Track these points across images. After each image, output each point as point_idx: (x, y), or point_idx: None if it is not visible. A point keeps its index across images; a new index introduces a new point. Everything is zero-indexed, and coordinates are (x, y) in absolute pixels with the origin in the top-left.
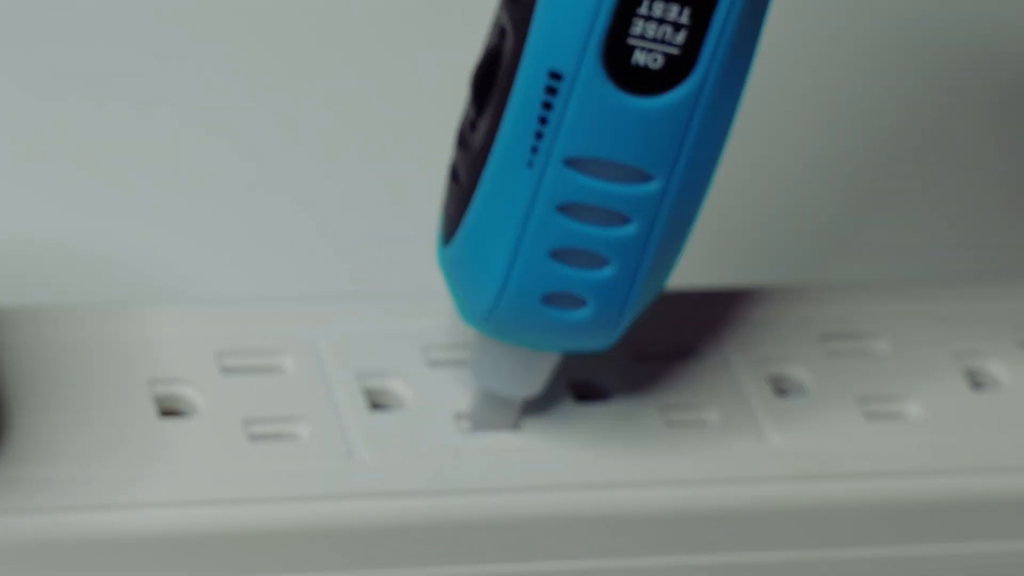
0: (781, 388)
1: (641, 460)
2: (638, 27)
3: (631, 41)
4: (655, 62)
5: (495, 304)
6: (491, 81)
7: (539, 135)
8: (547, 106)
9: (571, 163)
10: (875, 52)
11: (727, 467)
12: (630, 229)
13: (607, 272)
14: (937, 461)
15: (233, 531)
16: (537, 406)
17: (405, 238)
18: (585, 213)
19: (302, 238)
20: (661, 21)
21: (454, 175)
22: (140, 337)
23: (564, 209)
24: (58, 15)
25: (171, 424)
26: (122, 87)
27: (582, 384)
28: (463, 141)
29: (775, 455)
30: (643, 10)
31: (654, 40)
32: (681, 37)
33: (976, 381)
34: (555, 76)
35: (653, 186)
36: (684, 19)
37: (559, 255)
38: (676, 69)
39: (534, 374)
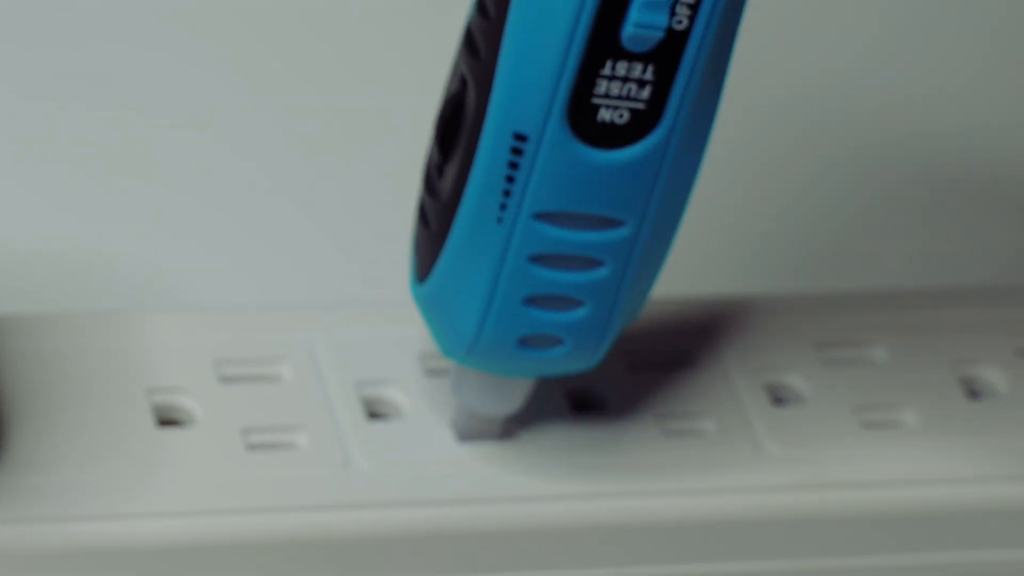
0: (778, 397)
1: (638, 470)
2: (602, 87)
3: (596, 100)
4: (621, 118)
5: (471, 346)
6: (455, 130)
7: (507, 192)
8: (513, 166)
9: (541, 217)
10: (869, 61)
11: (724, 476)
12: (603, 272)
13: (582, 313)
14: (934, 470)
15: (231, 540)
16: (534, 416)
17: (404, 245)
18: (557, 262)
19: (300, 245)
20: (625, 80)
21: (423, 217)
22: (138, 345)
23: (536, 259)
24: (57, 16)
25: (169, 434)
26: (120, 91)
27: (579, 394)
28: (431, 186)
29: (772, 464)
30: (606, 71)
31: (619, 98)
32: (646, 93)
33: (973, 390)
34: (520, 138)
35: (625, 231)
36: (648, 75)
37: (533, 301)
38: (642, 123)
39: (510, 395)
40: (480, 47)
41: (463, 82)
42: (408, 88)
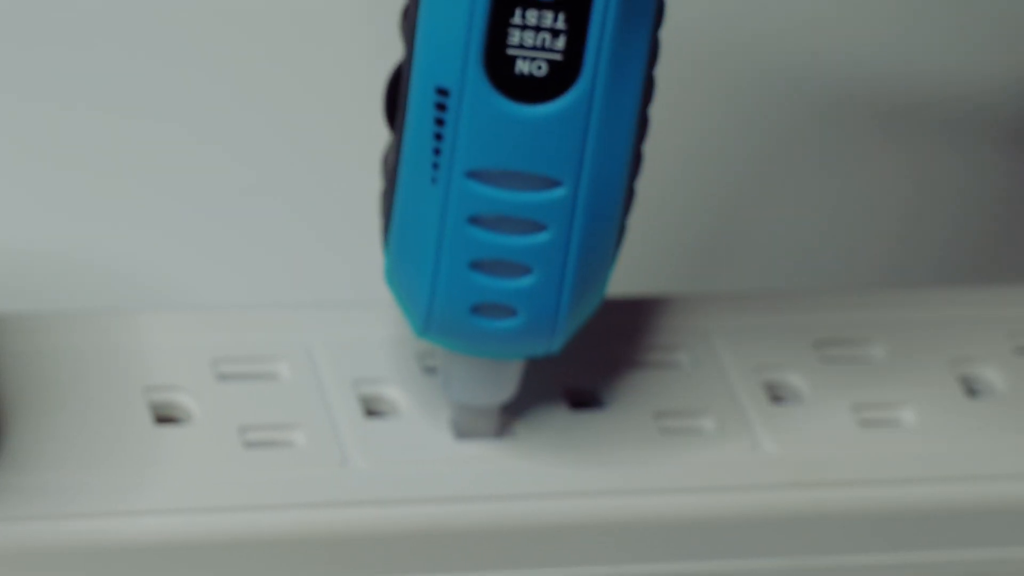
0: (776, 395)
1: (635, 468)
2: (515, 37)
3: (511, 51)
4: (539, 70)
5: (428, 316)
6: (395, 101)
7: (437, 151)
8: (439, 122)
9: (473, 175)
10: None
11: (722, 474)
12: (545, 236)
13: (530, 280)
14: (932, 468)
15: (228, 539)
16: (531, 413)
17: None
18: (497, 223)
19: (297, 244)
20: (537, 29)
21: (382, 195)
22: (135, 343)
23: (475, 221)
24: (55, 17)
25: (167, 431)
26: (116, 92)
27: (576, 391)
28: (384, 161)
29: (770, 462)
30: (516, 20)
31: (534, 48)
32: (561, 42)
33: (971, 388)
34: (442, 92)
35: (561, 191)
36: (560, 24)
37: (479, 266)
38: (562, 75)
39: (497, 382)
40: (409, 8)
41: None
42: None
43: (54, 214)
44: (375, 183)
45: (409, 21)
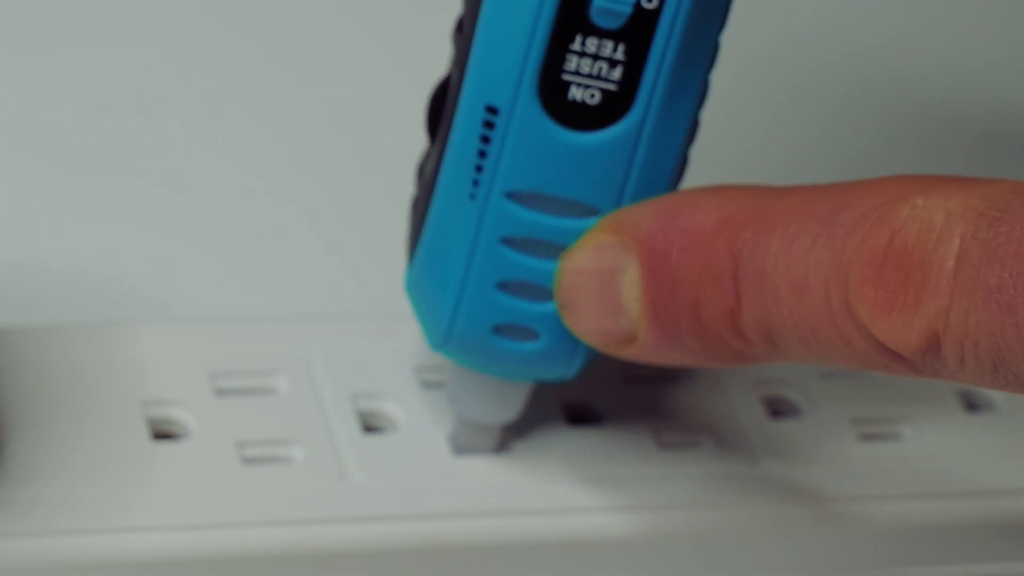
0: (776, 410)
1: (634, 483)
2: (572, 63)
3: (566, 76)
4: (592, 98)
5: (448, 332)
6: (440, 110)
7: (479, 168)
8: (485, 140)
9: (512, 196)
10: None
11: (720, 490)
12: None
13: (556, 306)
14: (931, 484)
15: (226, 554)
16: (530, 429)
17: (400, 257)
18: (530, 246)
19: (296, 257)
20: (596, 57)
21: (413, 204)
22: (133, 357)
23: (508, 242)
24: (51, 22)
25: (164, 447)
26: (116, 103)
27: (575, 407)
28: (420, 170)
29: (769, 478)
30: (576, 46)
31: (590, 76)
32: (617, 73)
33: (971, 403)
34: (491, 110)
35: (597, 220)
36: (619, 55)
37: (506, 287)
38: (614, 105)
39: (505, 402)
40: (465, 22)
41: (451, 64)
42: (409, 98)
43: (52, 227)
44: (376, 195)
45: (464, 35)
